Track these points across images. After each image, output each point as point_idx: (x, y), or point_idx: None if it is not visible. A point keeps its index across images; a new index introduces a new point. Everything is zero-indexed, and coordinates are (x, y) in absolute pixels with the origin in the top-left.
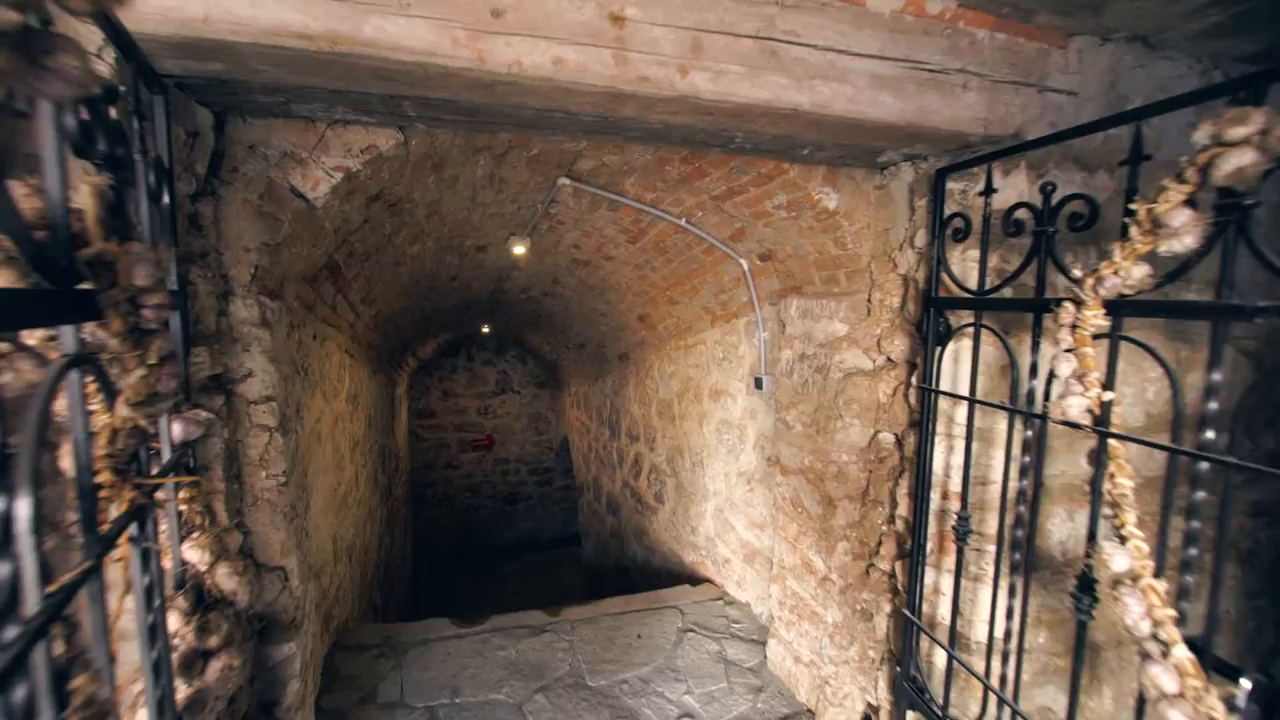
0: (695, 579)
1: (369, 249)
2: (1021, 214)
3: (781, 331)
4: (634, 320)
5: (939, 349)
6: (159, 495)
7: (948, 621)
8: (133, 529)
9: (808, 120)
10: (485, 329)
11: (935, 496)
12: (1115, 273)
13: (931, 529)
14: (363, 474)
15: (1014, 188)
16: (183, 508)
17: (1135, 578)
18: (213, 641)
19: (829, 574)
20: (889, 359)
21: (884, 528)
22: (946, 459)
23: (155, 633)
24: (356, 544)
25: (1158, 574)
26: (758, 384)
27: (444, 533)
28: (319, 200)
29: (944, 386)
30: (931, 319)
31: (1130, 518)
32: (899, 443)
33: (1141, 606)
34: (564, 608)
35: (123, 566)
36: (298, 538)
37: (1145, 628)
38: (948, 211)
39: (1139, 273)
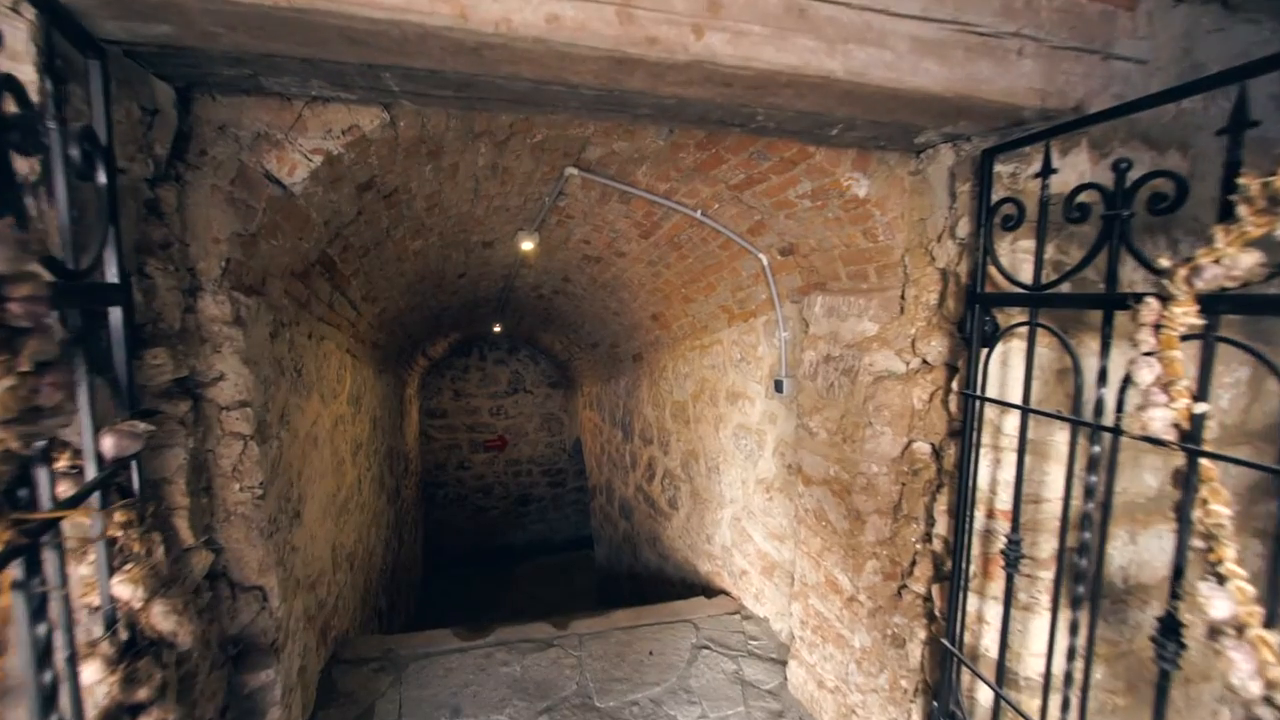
0: (710, 590)
1: (366, 243)
2: (1087, 197)
3: (804, 331)
4: (647, 319)
5: (985, 351)
6: (80, 521)
7: (992, 654)
8: (16, 572)
9: (840, 91)
10: (497, 328)
11: (979, 515)
12: (1217, 261)
13: (975, 550)
14: (366, 477)
15: (1073, 169)
16: (118, 534)
17: (1241, 627)
18: (142, 694)
19: (856, 594)
20: (924, 361)
21: (918, 546)
22: (993, 473)
23: (51, 698)
24: (359, 550)
25: (1269, 622)
26: (778, 387)
27: (456, 534)
28: (297, 186)
29: (991, 393)
30: (976, 317)
31: (1229, 553)
32: (936, 454)
33: (1251, 664)
34: (572, 620)
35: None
36: (278, 553)
37: (1256, 689)
38: (995, 197)
39: (1248, 261)
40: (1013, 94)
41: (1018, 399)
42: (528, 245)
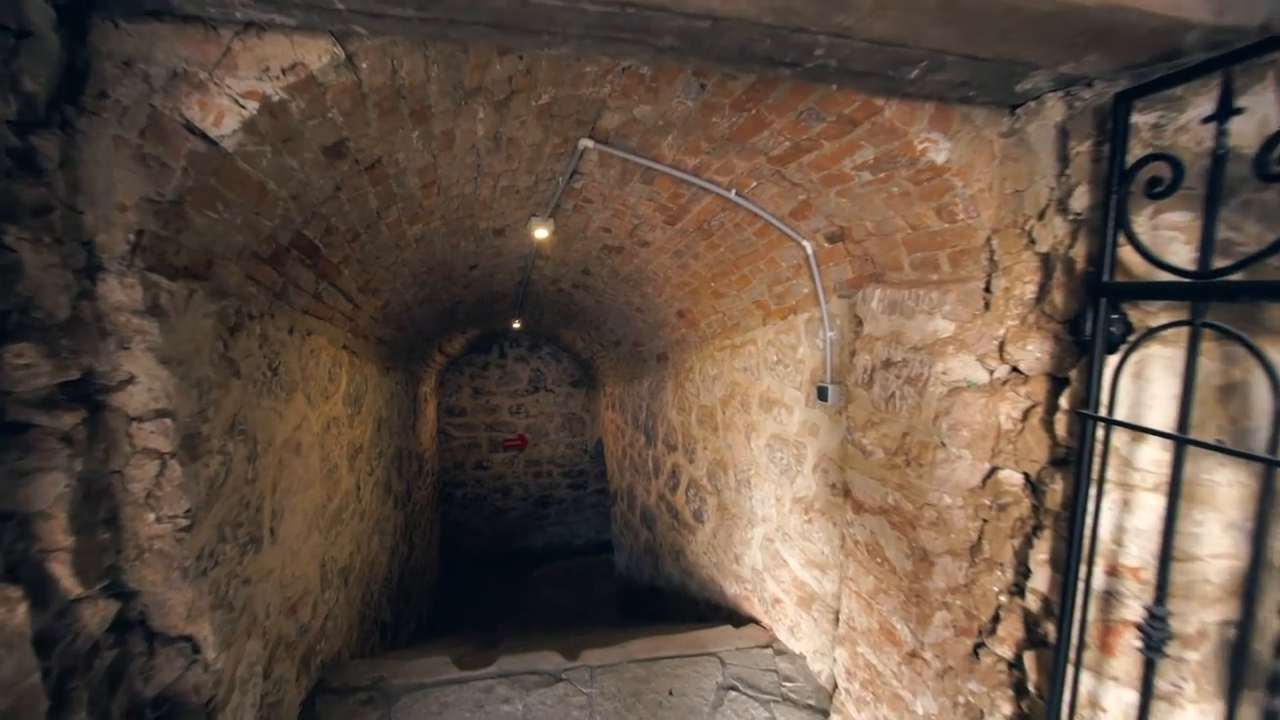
0: (738, 616)
1: (354, 226)
2: None
3: (857, 331)
4: (673, 316)
5: (1112, 359)
6: None
7: None
8: None
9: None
10: (516, 324)
11: (1098, 570)
12: None
13: (1090, 614)
14: (367, 483)
15: (1256, 113)
16: None
17: None
18: None
19: (919, 650)
20: (1015, 369)
21: (1003, 599)
22: (1119, 518)
23: None
24: (355, 563)
25: None
26: (821, 395)
27: (473, 535)
28: (229, 141)
29: (1120, 413)
30: (1100, 315)
31: None
32: (1033, 487)
33: None
34: (584, 648)
35: None
36: (217, 593)
37: None
38: (1134, 156)
39: None
40: (1177, 5)
41: (1159, 422)
42: (542, 233)
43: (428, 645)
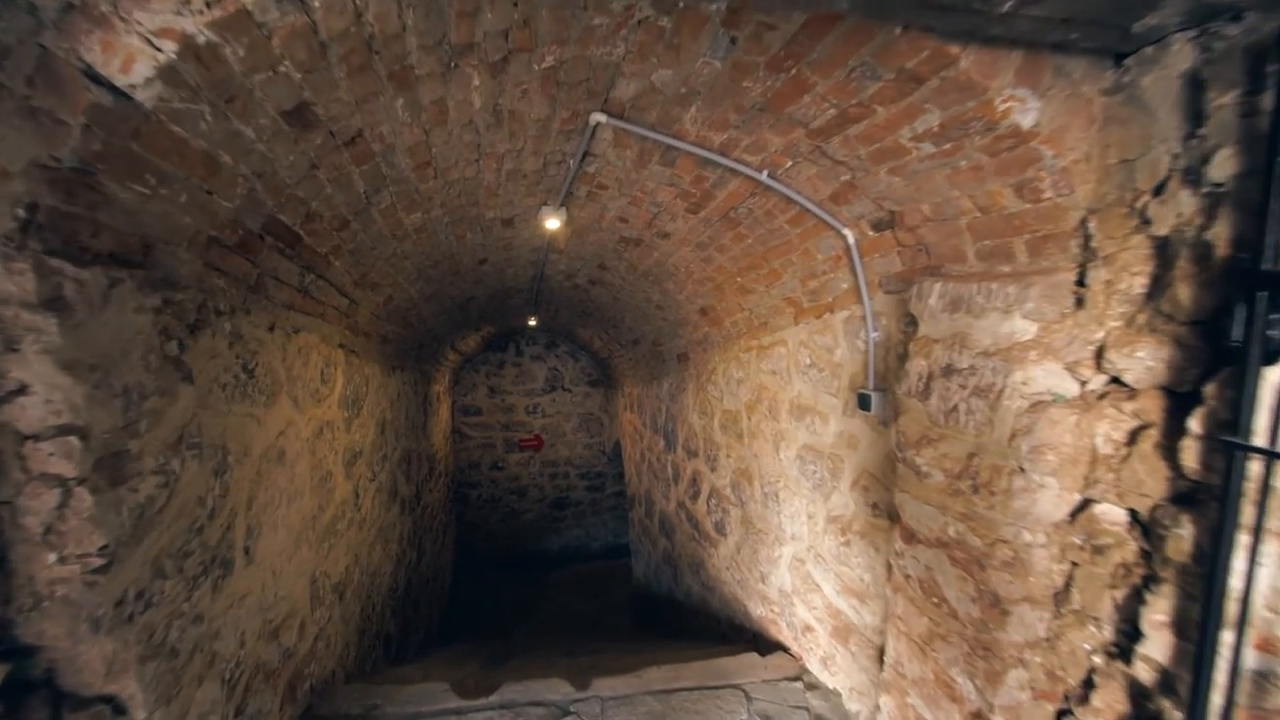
0: (764, 641)
1: (341, 213)
2: None
3: (908, 332)
4: (694, 314)
5: (1274, 372)
6: None
7: None
8: None
9: None
10: (532, 322)
11: (1248, 644)
12: None
13: (1236, 697)
14: (368, 489)
15: None
16: None
17: None
18: None
19: (987, 712)
20: (1117, 381)
21: (1098, 661)
22: (1277, 578)
23: None
24: (354, 575)
25: None
26: (863, 403)
27: (489, 537)
28: (144, 93)
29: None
30: (1257, 315)
31: None
32: (1143, 528)
33: None
34: (595, 675)
35: None
36: (148, 641)
37: None
38: None
39: None
40: None
41: None
42: (553, 223)
43: (432, 662)
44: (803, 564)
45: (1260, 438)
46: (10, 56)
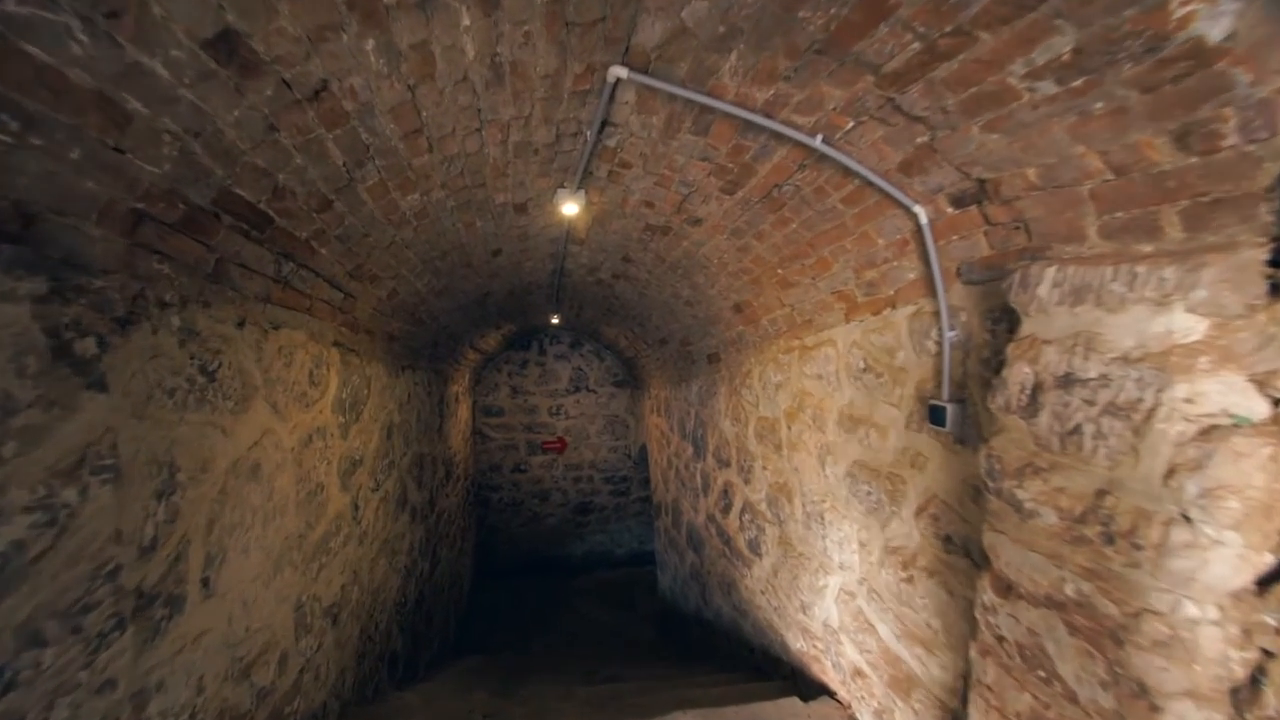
0: (805, 680)
1: (319, 190)
2: None
3: (999, 331)
4: (727, 310)
5: None
6: None
7: None
8: None
9: None
10: (555, 320)
11: None
12: None
13: None
14: (370, 500)
15: None
16: None
17: None
18: None
19: None
20: None
21: None
22: None
23: None
24: (351, 595)
25: None
26: (935, 416)
27: (510, 541)
28: None
29: None
30: None
31: None
32: None
33: None
34: (616, 717)
35: None
36: None
37: None
38: None
39: None
40: None
41: None
42: (571, 208)
43: (439, 685)
44: (853, 598)
45: None
46: None
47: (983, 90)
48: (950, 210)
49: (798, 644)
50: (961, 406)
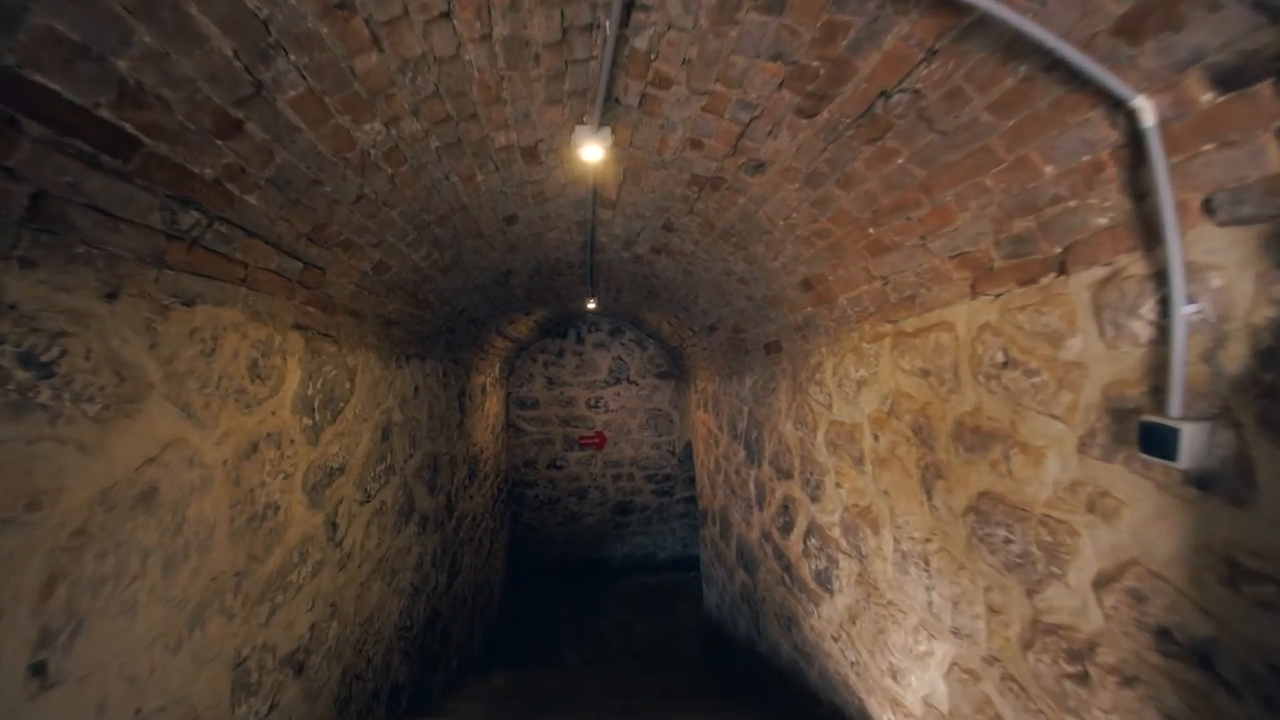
0: None
1: (209, 101)
2: None
3: None
4: (792, 288)
5: None
6: None
7: None
8: None
9: None
10: (591, 305)
11: None
12: None
13: None
14: (357, 515)
15: None
16: None
17: None
18: None
19: None
20: None
21: None
22: None
23: None
24: (328, 633)
25: None
26: (1149, 441)
27: (545, 541)
28: None
29: None
30: None
31: None
32: None
33: None
34: None
35: None
36: None
37: None
38: None
39: None
40: None
41: None
42: (594, 151)
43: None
44: (975, 680)
45: None
46: None
47: None
48: (1209, 96)
49: (884, 716)
50: (1209, 427)
